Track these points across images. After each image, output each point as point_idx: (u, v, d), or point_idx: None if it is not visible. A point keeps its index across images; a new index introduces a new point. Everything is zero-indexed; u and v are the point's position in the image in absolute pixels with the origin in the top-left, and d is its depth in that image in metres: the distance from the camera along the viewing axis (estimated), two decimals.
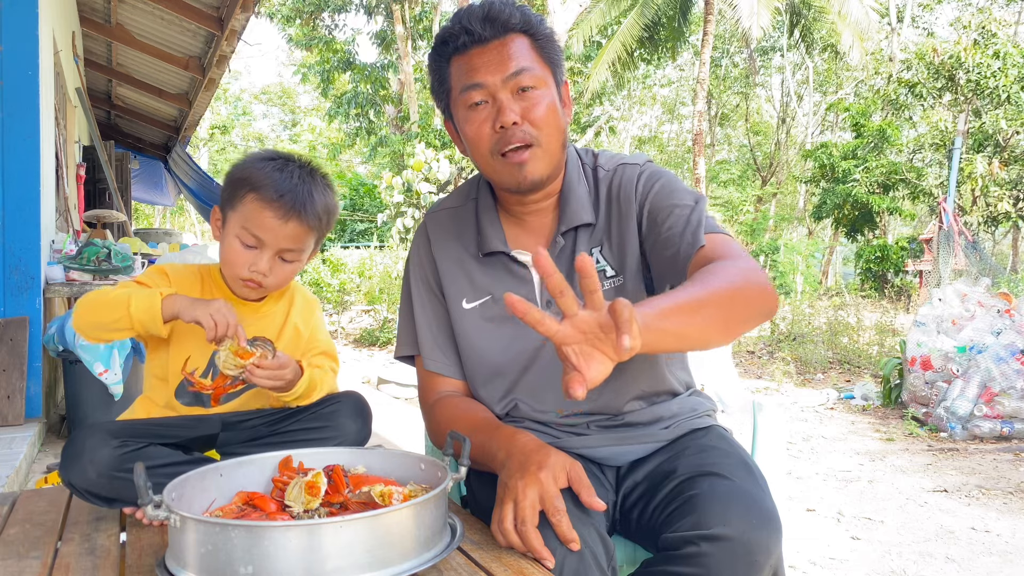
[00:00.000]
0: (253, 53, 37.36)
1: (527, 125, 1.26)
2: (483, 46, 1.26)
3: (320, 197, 1.36)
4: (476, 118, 1.28)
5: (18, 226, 4.08)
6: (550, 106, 1.28)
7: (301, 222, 1.34)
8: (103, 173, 7.11)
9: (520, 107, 1.26)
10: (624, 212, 1.33)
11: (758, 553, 1.08)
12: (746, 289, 1.10)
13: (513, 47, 1.26)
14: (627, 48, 17.20)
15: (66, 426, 4.20)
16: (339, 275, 11.57)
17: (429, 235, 1.45)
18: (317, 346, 1.49)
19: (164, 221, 24.35)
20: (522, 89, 1.26)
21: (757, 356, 8.35)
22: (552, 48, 1.31)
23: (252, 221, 1.33)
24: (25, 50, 4.13)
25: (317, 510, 1.03)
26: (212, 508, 1.06)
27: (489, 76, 1.25)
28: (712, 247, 1.21)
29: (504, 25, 1.26)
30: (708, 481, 1.16)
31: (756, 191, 24.39)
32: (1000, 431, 4.78)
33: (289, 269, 1.39)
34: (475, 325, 1.38)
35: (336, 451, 1.19)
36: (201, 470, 1.08)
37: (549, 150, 1.29)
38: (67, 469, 1.20)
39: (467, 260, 1.40)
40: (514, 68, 1.25)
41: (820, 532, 3.20)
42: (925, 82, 13.89)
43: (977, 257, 9.47)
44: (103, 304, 1.30)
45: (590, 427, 1.35)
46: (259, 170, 1.34)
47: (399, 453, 1.19)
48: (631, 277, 1.33)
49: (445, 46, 1.30)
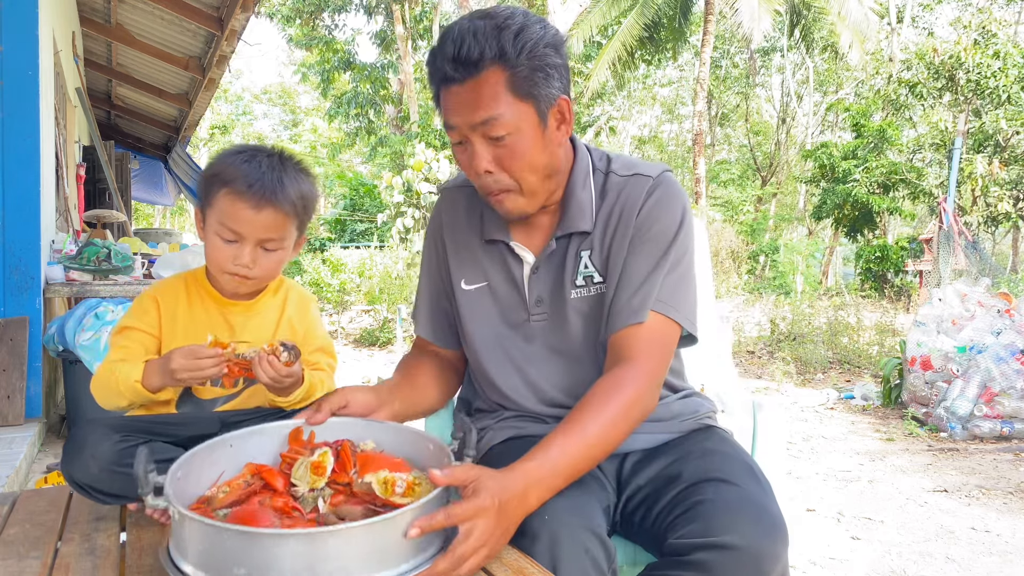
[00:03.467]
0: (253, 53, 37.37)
1: (502, 174, 1.24)
2: (458, 84, 1.19)
3: (292, 183, 1.36)
4: (460, 157, 1.28)
5: (18, 226, 4.08)
6: (528, 149, 1.22)
7: (275, 209, 1.34)
8: (103, 173, 7.10)
9: (492, 154, 1.23)
10: (623, 223, 1.32)
11: (766, 561, 1.08)
12: (627, 424, 1.20)
13: (485, 89, 1.18)
14: (627, 48, 17.20)
15: (66, 426, 4.20)
16: (339, 275, 11.56)
17: (441, 211, 1.48)
18: (314, 342, 1.50)
19: (164, 221, 24.38)
20: (495, 137, 1.21)
21: (757, 356, 8.35)
22: (532, 80, 1.19)
23: (227, 215, 1.33)
24: (25, 50, 4.13)
25: (322, 490, 1.03)
26: (220, 481, 1.06)
27: (460, 119, 1.21)
28: (636, 340, 1.26)
29: (476, 64, 1.17)
30: (714, 487, 1.15)
31: (756, 191, 24.39)
32: (1000, 431, 4.77)
33: (274, 259, 1.39)
34: (470, 308, 1.41)
35: (347, 422, 1.19)
36: (211, 443, 1.09)
37: (530, 191, 1.28)
38: (69, 464, 1.20)
39: (472, 241, 1.42)
40: (483, 117, 1.19)
41: (820, 532, 3.20)
42: (925, 82, 13.88)
43: (977, 257, 9.47)
44: (103, 389, 1.35)
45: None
46: (229, 164, 1.34)
47: (409, 430, 1.19)
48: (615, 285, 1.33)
49: (431, 77, 1.25)
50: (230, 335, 1.43)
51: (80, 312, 3.84)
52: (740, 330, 9.19)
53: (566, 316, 1.35)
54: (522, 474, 1.07)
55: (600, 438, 1.16)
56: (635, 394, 1.21)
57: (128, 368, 1.32)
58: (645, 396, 1.23)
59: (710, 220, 16.68)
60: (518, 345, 1.39)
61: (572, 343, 1.36)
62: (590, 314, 1.35)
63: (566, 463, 1.12)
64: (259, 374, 1.27)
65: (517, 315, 1.38)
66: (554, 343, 1.37)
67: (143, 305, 1.43)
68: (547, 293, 1.36)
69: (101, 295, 4.14)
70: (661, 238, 1.30)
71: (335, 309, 11.28)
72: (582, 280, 1.34)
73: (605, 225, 1.34)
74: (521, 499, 1.05)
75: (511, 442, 1.36)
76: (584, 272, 1.34)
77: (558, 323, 1.36)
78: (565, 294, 1.35)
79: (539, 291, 1.36)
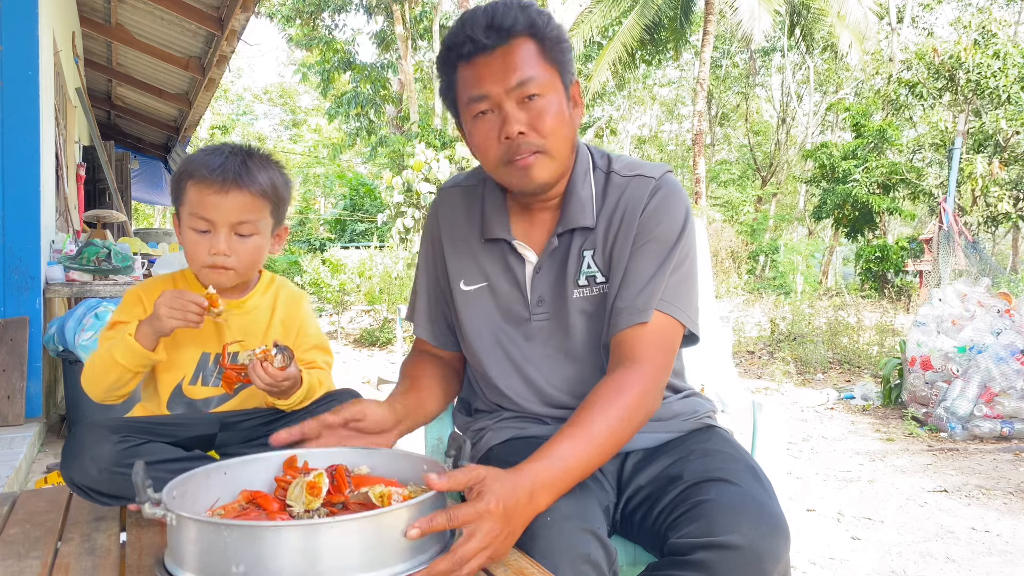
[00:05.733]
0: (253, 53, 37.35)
1: (533, 134, 1.25)
2: (488, 54, 1.23)
3: (256, 168, 1.37)
4: (483, 128, 1.28)
5: (18, 226, 4.07)
6: (557, 112, 1.26)
7: (241, 190, 1.34)
8: (103, 173, 7.10)
9: (526, 116, 1.25)
10: (626, 223, 1.33)
11: (768, 561, 1.08)
12: (632, 425, 1.21)
13: (518, 54, 1.24)
14: (628, 49, 17.20)
15: (66, 426, 4.19)
16: (339, 275, 11.56)
17: (439, 212, 1.47)
18: (308, 340, 1.49)
19: (164, 221, 24.35)
20: (528, 97, 1.24)
21: (757, 356, 8.35)
22: (559, 49, 1.27)
23: (196, 205, 1.34)
24: (25, 50, 4.13)
25: (318, 510, 1.03)
26: (215, 506, 1.06)
27: (494, 86, 1.24)
28: (639, 340, 1.26)
29: (508, 31, 1.22)
30: (716, 487, 1.15)
31: (756, 191, 24.38)
32: (1000, 431, 4.77)
33: (250, 245, 1.38)
34: (468, 309, 1.40)
35: (341, 451, 1.19)
36: (206, 468, 1.08)
37: (557, 155, 1.29)
38: (68, 466, 1.20)
39: (472, 242, 1.41)
40: (518, 78, 1.23)
41: (820, 532, 3.20)
42: (925, 82, 13.88)
43: (977, 257, 9.47)
44: (98, 372, 1.34)
45: None
46: (193, 160, 1.37)
47: (403, 454, 1.19)
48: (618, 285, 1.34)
49: (450, 53, 1.28)
50: (220, 335, 1.43)
51: (80, 312, 3.84)
52: (740, 330, 9.19)
53: (568, 316, 1.35)
54: (530, 475, 1.06)
55: (607, 438, 1.16)
56: (640, 394, 1.21)
57: (122, 334, 1.33)
58: (650, 396, 1.23)
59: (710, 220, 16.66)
60: (518, 345, 1.38)
61: (573, 343, 1.36)
62: (593, 314, 1.35)
63: (575, 463, 1.12)
64: (255, 380, 1.27)
65: (518, 315, 1.38)
66: (555, 343, 1.37)
67: (132, 300, 1.43)
68: (549, 293, 1.36)
69: (101, 295, 4.14)
70: (665, 238, 1.31)
71: (335, 309, 11.28)
72: (584, 280, 1.34)
73: (608, 225, 1.34)
74: (529, 501, 1.05)
75: (511, 443, 1.36)
76: (587, 272, 1.34)
77: (559, 323, 1.36)
78: (567, 294, 1.35)
79: (541, 291, 1.36)
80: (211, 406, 1.43)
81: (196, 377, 1.42)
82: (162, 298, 1.30)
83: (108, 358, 1.32)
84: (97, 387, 1.36)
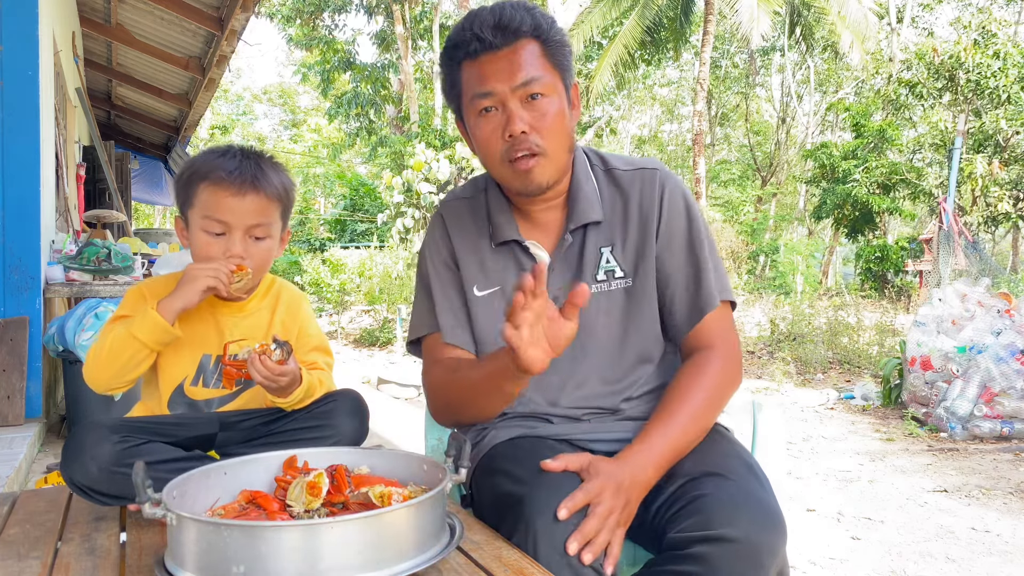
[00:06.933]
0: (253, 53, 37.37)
1: (535, 135, 1.28)
2: (494, 53, 1.26)
3: (270, 170, 1.38)
4: (486, 125, 1.30)
5: (18, 226, 4.07)
6: (558, 114, 1.29)
7: (259, 194, 1.35)
8: (103, 173, 7.10)
9: (529, 116, 1.27)
10: (644, 219, 1.37)
11: (764, 554, 1.09)
12: (719, 402, 1.33)
13: (523, 55, 1.27)
14: (628, 50, 17.20)
15: (66, 426, 4.19)
16: (339, 275, 11.56)
17: (446, 222, 1.46)
18: (309, 342, 1.49)
19: (164, 221, 24.34)
20: (531, 97, 1.27)
21: (757, 356, 8.35)
22: (562, 53, 1.31)
23: (212, 207, 1.34)
24: (25, 50, 4.13)
25: (318, 510, 1.03)
26: (215, 506, 1.06)
27: (499, 84, 1.26)
28: (707, 329, 1.36)
29: (515, 32, 1.26)
30: (713, 482, 1.16)
31: (756, 191, 24.37)
32: (1000, 431, 4.77)
33: (264, 247, 1.39)
34: (484, 313, 1.40)
35: (341, 451, 1.19)
36: (205, 468, 1.09)
37: (555, 157, 1.31)
38: (68, 466, 1.20)
39: (482, 247, 1.41)
40: (523, 78, 1.26)
41: (820, 532, 3.20)
42: (925, 82, 13.89)
43: (977, 257, 9.47)
44: (110, 353, 1.32)
45: (590, 419, 1.37)
46: (204, 162, 1.36)
47: (402, 454, 1.19)
48: (641, 280, 1.36)
49: (456, 50, 1.30)
50: (221, 336, 1.43)
51: (80, 312, 3.84)
52: (740, 330, 9.19)
53: (584, 313, 1.35)
54: (635, 455, 1.20)
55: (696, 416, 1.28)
56: (719, 371, 1.33)
57: (143, 309, 1.34)
58: (728, 372, 1.35)
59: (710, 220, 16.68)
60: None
61: (591, 341, 1.36)
62: (610, 310, 1.36)
63: (671, 444, 1.23)
64: (253, 374, 1.27)
65: None
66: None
67: (134, 296, 1.43)
68: (564, 291, 1.36)
69: (101, 295, 4.14)
70: (691, 231, 1.38)
71: (335, 309, 11.28)
72: (603, 275, 1.36)
73: (622, 220, 1.37)
74: (643, 471, 1.18)
75: (518, 440, 1.34)
76: (606, 267, 1.36)
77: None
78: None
79: (555, 289, 1.36)
80: (213, 407, 1.43)
81: (197, 378, 1.43)
82: (191, 268, 1.33)
83: (123, 336, 1.31)
84: (105, 371, 1.33)
